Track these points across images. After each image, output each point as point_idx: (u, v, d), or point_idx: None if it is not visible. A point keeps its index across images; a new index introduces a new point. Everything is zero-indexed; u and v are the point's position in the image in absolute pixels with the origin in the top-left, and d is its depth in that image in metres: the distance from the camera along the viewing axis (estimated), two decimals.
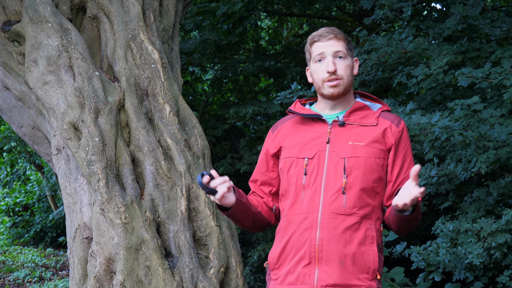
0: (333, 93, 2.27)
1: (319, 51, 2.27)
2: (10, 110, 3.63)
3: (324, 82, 2.27)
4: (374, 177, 2.24)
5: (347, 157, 2.23)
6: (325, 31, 2.29)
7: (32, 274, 8.21)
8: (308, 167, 2.25)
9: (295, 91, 4.25)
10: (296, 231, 2.24)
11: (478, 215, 3.91)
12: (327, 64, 2.25)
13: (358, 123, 2.29)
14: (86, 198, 3.22)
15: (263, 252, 5.91)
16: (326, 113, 2.34)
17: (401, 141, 2.29)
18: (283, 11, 8.35)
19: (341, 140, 2.26)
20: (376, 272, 2.23)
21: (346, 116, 2.30)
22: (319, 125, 2.31)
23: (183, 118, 3.50)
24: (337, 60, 2.26)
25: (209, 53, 7.17)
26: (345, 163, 2.22)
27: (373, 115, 2.31)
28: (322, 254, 2.20)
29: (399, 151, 2.28)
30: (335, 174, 2.22)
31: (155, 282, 2.98)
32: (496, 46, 4.26)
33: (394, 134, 2.28)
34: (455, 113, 3.68)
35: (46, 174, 10.87)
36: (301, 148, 2.29)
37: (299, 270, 2.22)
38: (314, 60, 2.30)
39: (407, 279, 4.10)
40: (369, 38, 4.64)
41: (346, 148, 2.24)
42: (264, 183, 2.43)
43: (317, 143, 2.28)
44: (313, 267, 2.21)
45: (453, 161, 3.93)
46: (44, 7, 3.38)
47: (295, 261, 2.24)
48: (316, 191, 2.23)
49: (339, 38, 2.28)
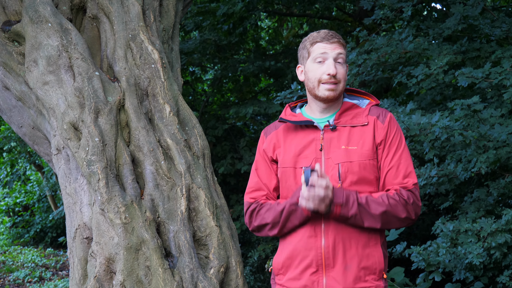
0: (329, 96, 2.29)
1: (322, 52, 2.28)
2: (10, 110, 3.63)
3: (321, 83, 2.28)
4: (370, 180, 2.27)
5: (341, 162, 2.25)
6: (328, 34, 2.31)
7: (32, 274, 8.21)
8: None
9: (295, 91, 4.25)
10: (301, 239, 2.27)
11: (478, 215, 3.91)
12: (329, 66, 2.26)
13: (349, 124, 2.31)
14: (86, 198, 3.22)
15: (263, 252, 5.92)
16: (316, 117, 2.36)
17: (388, 136, 2.29)
18: (283, 11, 8.35)
19: (334, 145, 2.28)
20: (383, 271, 2.27)
21: (337, 119, 2.31)
22: (311, 131, 2.33)
23: (183, 118, 3.50)
24: (337, 65, 2.29)
25: (209, 53, 7.18)
26: (339, 168, 2.25)
27: (362, 113, 2.33)
28: (329, 261, 2.24)
29: (388, 146, 2.29)
30: (331, 180, 2.23)
31: (155, 282, 2.98)
32: (496, 46, 4.26)
33: (380, 132, 2.29)
34: (455, 113, 3.68)
35: (46, 174, 10.88)
36: (297, 157, 2.31)
37: (307, 277, 2.26)
38: (314, 59, 2.30)
39: (407, 279, 4.10)
40: (369, 38, 4.64)
41: (339, 153, 2.26)
42: (276, 188, 2.42)
43: (312, 151, 2.30)
44: (321, 274, 2.24)
45: (453, 161, 3.93)
46: (44, 7, 3.38)
47: (301, 269, 2.27)
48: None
49: (342, 43, 2.31)
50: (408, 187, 2.24)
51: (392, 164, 2.26)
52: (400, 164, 2.27)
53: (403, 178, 2.26)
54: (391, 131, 2.30)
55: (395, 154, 2.27)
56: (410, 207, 2.22)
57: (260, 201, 2.39)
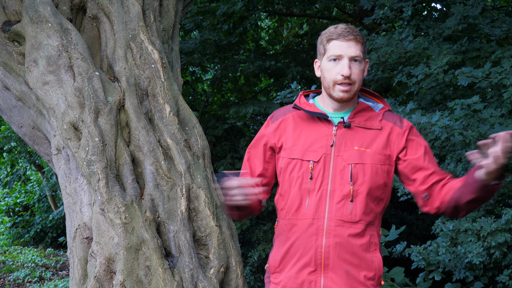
0: (343, 97, 2.21)
1: (337, 51, 2.19)
2: (10, 110, 3.63)
3: (336, 84, 2.20)
4: (380, 184, 2.21)
5: (353, 163, 2.19)
6: (345, 30, 2.20)
7: (32, 274, 8.21)
8: (314, 171, 2.21)
9: (295, 91, 4.25)
10: (301, 236, 2.21)
11: (478, 215, 3.90)
12: (343, 67, 2.18)
13: (363, 125, 2.25)
14: (86, 198, 3.22)
15: (263, 252, 5.91)
16: (330, 111, 2.29)
17: (410, 137, 2.24)
18: (283, 11, 8.35)
19: (347, 144, 2.21)
20: (381, 278, 2.24)
21: (351, 117, 2.25)
22: (324, 125, 2.26)
23: (183, 118, 3.50)
24: (353, 64, 2.19)
25: (209, 53, 7.18)
26: (351, 169, 2.19)
27: (376, 117, 2.27)
28: (329, 262, 2.18)
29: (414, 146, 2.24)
30: (341, 180, 2.19)
31: (155, 282, 2.98)
32: (496, 46, 4.26)
33: (399, 137, 2.24)
34: (455, 113, 3.68)
35: (46, 174, 10.87)
36: (306, 149, 2.23)
37: (304, 276, 2.20)
38: (328, 58, 2.21)
39: (407, 279, 4.10)
40: (369, 38, 4.64)
41: (352, 154, 2.20)
42: (260, 174, 2.34)
43: (322, 145, 2.22)
44: (319, 274, 2.19)
45: (453, 161, 3.93)
46: (44, 7, 3.38)
47: (299, 267, 2.22)
48: (322, 196, 2.19)
49: (358, 40, 2.20)
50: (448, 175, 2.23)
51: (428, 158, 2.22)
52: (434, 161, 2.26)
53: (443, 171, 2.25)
54: (413, 132, 2.26)
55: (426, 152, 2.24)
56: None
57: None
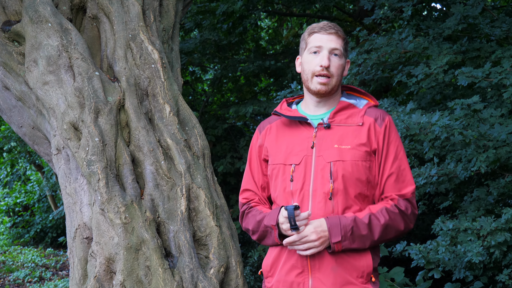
0: (320, 90, 2.24)
1: (317, 43, 2.23)
2: (10, 110, 3.63)
3: (314, 75, 2.23)
4: (361, 181, 2.21)
5: (333, 161, 2.20)
6: (327, 24, 2.26)
7: (32, 274, 8.21)
8: (295, 173, 2.23)
9: (295, 91, 4.25)
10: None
11: (478, 215, 3.91)
12: (322, 58, 2.21)
13: (343, 123, 2.25)
14: (86, 198, 3.22)
15: (263, 252, 5.91)
16: (311, 113, 2.31)
17: (386, 142, 2.24)
18: (283, 11, 8.35)
19: (327, 144, 2.23)
20: (371, 275, 2.22)
21: (331, 118, 2.26)
22: (305, 128, 2.29)
23: (183, 118, 3.50)
24: (332, 57, 2.23)
25: (209, 53, 7.18)
26: (331, 167, 2.19)
27: (358, 113, 2.27)
28: (315, 262, 2.19)
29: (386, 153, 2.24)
30: (322, 179, 2.20)
31: (155, 282, 2.98)
32: (496, 46, 4.26)
33: (377, 136, 2.24)
34: (455, 113, 3.69)
35: (46, 174, 10.88)
36: (288, 154, 2.27)
37: (292, 278, 2.22)
38: (309, 50, 2.25)
39: (407, 279, 4.10)
40: (369, 38, 4.64)
41: (331, 152, 2.21)
42: (264, 188, 2.39)
43: (303, 148, 2.25)
44: (307, 275, 2.20)
45: (453, 161, 3.94)
46: (44, 7, 3.39)
47: (287, 269, 2.23)
48: (305, 197, 2.21)
49: (339, 35, 2.25)
50: (406, 195, 2.21)
51: (391, 170, 2.22)
52: (399, 171, 2.23)
53: (403, 187, 2.22)
54: (390, 136, 2.24)
55: (394, 161, 2.23)
56: (408, 218, 2.20)
57: (251, 204, 2.37)
